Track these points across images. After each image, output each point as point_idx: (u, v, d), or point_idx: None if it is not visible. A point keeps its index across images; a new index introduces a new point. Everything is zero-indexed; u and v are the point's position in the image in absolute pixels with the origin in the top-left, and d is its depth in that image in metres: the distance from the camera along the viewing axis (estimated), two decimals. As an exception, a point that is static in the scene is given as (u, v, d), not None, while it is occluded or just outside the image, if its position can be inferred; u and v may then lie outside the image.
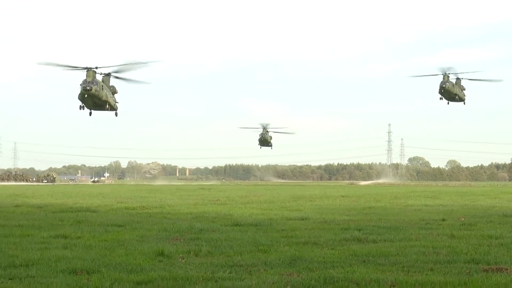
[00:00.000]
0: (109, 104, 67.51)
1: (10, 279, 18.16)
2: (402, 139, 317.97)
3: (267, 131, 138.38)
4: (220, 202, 62.01)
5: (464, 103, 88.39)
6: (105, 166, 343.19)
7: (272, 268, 19.95)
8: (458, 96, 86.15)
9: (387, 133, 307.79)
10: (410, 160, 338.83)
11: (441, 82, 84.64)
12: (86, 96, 64.30)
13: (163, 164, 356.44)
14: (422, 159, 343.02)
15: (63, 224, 35.43)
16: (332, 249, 24.76)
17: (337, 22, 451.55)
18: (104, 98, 65.59)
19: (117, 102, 70.12)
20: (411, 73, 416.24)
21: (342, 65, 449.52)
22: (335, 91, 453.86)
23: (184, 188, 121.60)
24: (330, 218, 39.64)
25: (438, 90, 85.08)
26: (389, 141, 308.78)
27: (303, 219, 38.92)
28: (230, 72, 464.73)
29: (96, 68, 64.92)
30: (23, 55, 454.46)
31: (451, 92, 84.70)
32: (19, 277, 18.41)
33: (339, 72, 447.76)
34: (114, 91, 68.73)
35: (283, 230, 31.93)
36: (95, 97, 64.91)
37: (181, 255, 22.68)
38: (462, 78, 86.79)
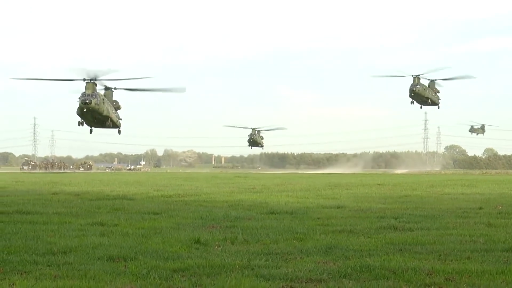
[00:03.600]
0: (111, 120, 63.95)
1: (48, 265, 18.33)
2: (438, 127, 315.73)
3: (258, 131, 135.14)
4: (256, 190, 62.07)
5: (438, 107, 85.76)
6: (141, 154, 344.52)
7: (308, 256, 19.95)
8: (431, 100, 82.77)
9: (424, 122, 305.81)
10: (446, 148, 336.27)
11: (411, 85, 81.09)
12: (85, 110, 60.45)
13: (199, 152, 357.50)
14: (458, 147, 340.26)
15: (100, 212, 35.68)
16: (369, 237, 24.71)
17: (373, 10, 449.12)
18: (105, 113, 61.83)
19: (121, 119, 66.58)
20: (446, 62, 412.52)
21: (377, 53, 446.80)
22: (371, 79, 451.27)
23: (220, 176, 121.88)
24: (366, 207, 39.55)
25: (408, 94, 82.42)
26: (425, 130, 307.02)
27: (339, 207, 38.86)
28: (264, 60, 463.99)
29: (96, 79, 61.04)
30: (60, 44, 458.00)
31: (422, 96, 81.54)
32: (57, 263, 18.58)
33: (375, 60, 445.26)
34: (117, 107, 65.23)
35: (319, 218, 31.92)
36: (95, 112, 61.05)
37: (217, 243, 22.75)
38: (435, 80, 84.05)
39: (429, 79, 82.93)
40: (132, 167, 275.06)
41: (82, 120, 62.93)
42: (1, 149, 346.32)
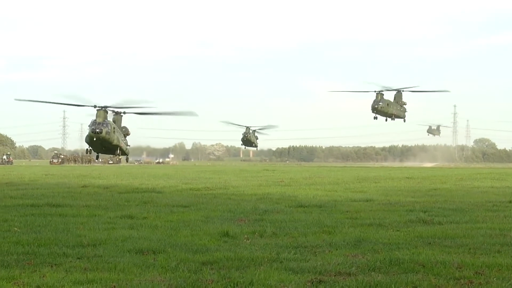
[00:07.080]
0: (120, 149, 61.81)
1: (78, 258, 18.44)
2: (467, 120, 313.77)
3: (254, 131, 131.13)
4: (284, 183, 62.05)
5: (404, 121, 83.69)
6: (169, 147, 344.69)
7: (337, 249, 19.93)
8: (395, 115, 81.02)
9: (453, 115, 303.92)
10: (476, 141, 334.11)
11: (374, 102, 77.93)
12: (95, 139, 57.88)
13: (227, 146, 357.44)
14: (488, 140, 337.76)
15: (129, 205, 35.84)
16: (397, 230, 24.64)
17: (401, 2, 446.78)
18: (115, 142, 59.69)
19: (129, 145, 64.52)
20: (476, 54, 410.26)
21: (405, 46, 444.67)
22: (399, 72, 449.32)
23: (248, 170, 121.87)
24: (395, 200, 39.43)
25: (370, 109, 79.93)
26: (454, 123, 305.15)
27: (367, 201, 38.77)
28: (291, 53, 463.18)
29: (107, 107, 58.39)
30: (89, 38, 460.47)
31: (385, 113, 79.30)
32: (86, 256, 18.69)
33: (403, 53, 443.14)
34: (126, 133, 62.93)
35: (347, 212, 31.87)
36: (105, 141, 58.71)
37: (246, 236, 22.79)
38: (403, 91, 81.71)
39: (396, 90, 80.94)
40: (161, 160, 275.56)
41: (91, 148, 61.79)
42: (31, 142, 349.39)
